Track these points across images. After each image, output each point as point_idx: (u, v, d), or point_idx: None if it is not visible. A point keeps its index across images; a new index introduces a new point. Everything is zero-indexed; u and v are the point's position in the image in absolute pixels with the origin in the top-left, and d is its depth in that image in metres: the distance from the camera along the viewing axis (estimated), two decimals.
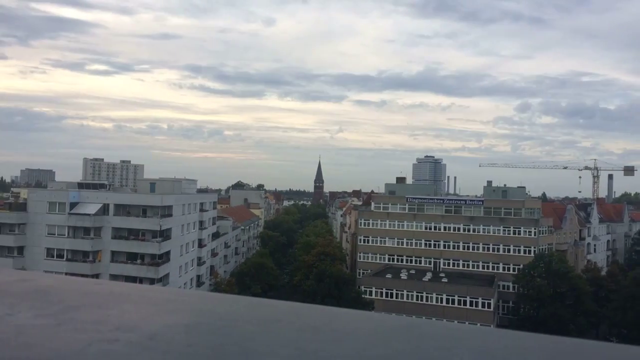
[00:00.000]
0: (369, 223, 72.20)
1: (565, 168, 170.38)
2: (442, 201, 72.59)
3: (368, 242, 71.69)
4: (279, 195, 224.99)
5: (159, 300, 1.35)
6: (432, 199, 72.98)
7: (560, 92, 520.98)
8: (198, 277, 62.60)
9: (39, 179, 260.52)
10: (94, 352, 0.89)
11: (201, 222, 64.51)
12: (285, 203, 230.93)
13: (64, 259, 50.34)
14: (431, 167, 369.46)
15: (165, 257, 52.07)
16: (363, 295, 54.68)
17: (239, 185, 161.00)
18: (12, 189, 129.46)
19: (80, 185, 61.10)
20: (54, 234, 51.54)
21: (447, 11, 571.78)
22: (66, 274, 39.22)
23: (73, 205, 51.64)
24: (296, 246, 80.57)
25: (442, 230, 69.33)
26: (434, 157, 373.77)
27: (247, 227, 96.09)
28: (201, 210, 64.80)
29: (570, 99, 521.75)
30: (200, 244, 63.87)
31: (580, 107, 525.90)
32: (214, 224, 71.33)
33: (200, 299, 1.35)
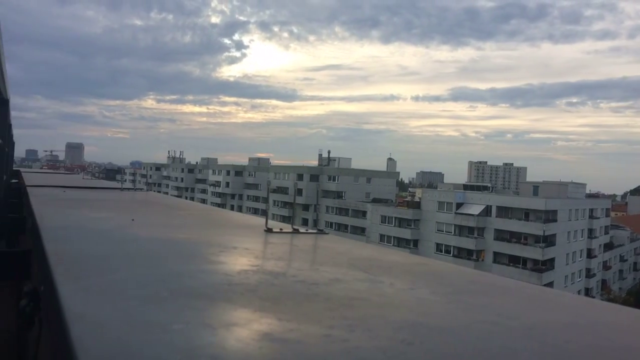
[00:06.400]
0: None
1: None
2: None
3: None
4: None
5: (539, 297, 1.39)
6: None
7: None
8: (586, 290, 57.04)
9: (430, 180, 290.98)
10: (477, 329, 1.01)
11: (590, 230, 58.57)
12: None
13: (451, 255, 54.64)
14: None
15: (548, 264, 49.72)
16: None
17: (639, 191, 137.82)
18: (409, 189, 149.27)
19: (465, 187, 65.03)
20: (442, 231, 56.66)
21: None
22: None
23: (459, 205, 55.51)
24: None
25: None
26: None
27: None
28: (590, 217, 58.82)
29: None
30: (589, 254, 58.03)
31: None
32: (606, 233, 63.64)
33: (579, 302, 1.33)
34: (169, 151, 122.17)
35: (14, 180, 7.24)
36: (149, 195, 5.25)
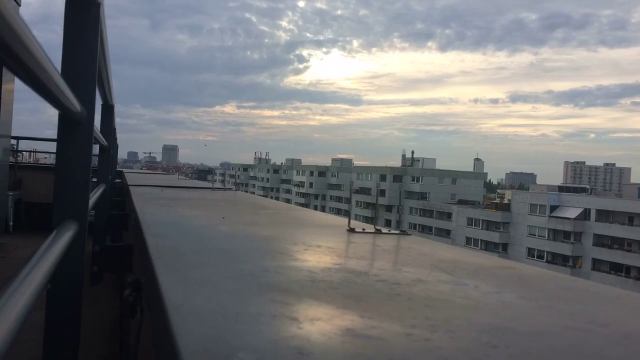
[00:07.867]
0: None
1: None
2: None
3: None
4: None
5: (638, 305, 1.30)
6: None
7: None
8: None
9: (521, 181, 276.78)
10: (567, 336, 0.96)
11: None
12: None
13: (544, 260, 51.61)
14: None
15: None
16: None
17: None
18: (497, 190, 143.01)
19: (561, 189, 61.18)
20: (535, 235, 53.62)
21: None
22: None
23: (553, 208, 52.30)
24: None
25: None
26: None
27: None
28: None
29: None
30: None
31: None
32: None
33: None
34: (255, 152, 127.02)
35: (117, 180, 7.87)
36: (237, 195, 5.48)
